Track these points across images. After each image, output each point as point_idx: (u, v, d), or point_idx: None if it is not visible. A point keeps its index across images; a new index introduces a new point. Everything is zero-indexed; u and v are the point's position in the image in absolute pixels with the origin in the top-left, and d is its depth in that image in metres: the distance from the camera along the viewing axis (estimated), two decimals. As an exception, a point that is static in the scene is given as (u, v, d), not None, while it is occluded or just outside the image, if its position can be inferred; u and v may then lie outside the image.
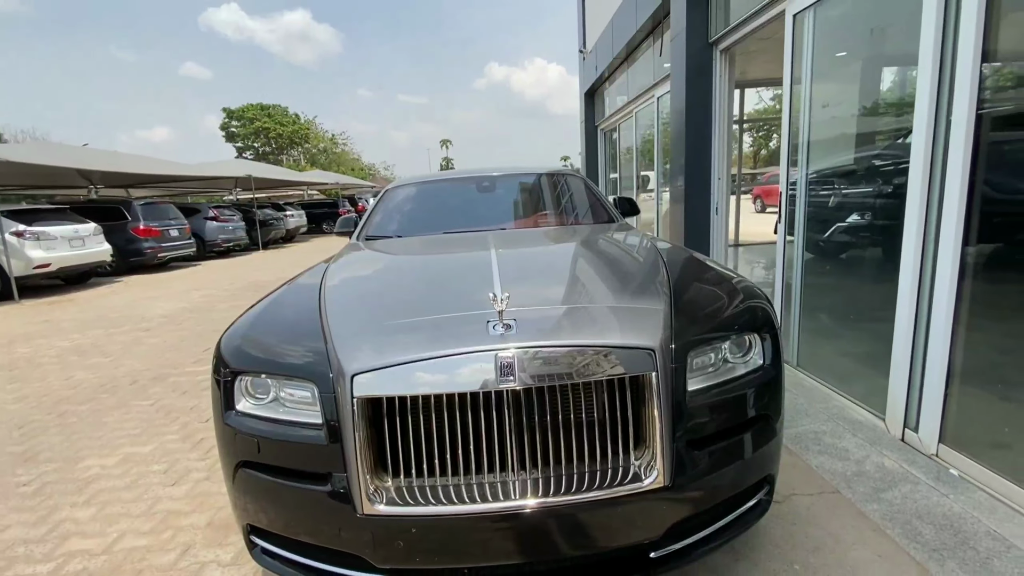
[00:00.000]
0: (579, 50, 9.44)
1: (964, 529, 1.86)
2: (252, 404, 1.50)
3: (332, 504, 1.32)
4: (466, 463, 1.33)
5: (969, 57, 2.00)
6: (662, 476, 1.32)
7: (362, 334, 1.46)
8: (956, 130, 2.09)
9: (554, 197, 3.24)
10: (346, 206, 24.29)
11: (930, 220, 2.26)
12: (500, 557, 1.32)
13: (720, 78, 4.16)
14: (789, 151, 3.28)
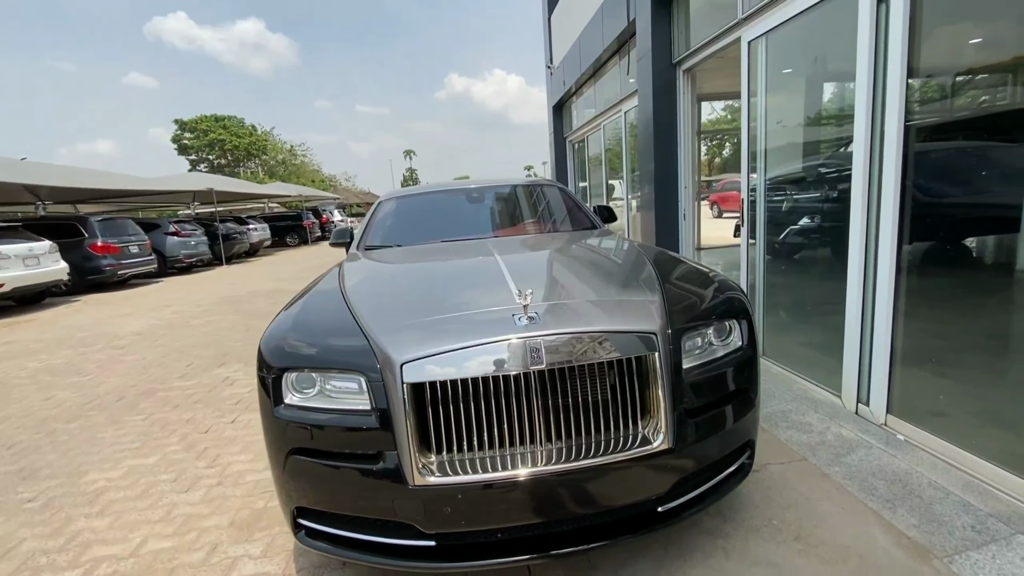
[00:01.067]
0: (547, 65, 9.84)
1: (911, 482, 2.19)
2: (299, 398, 1.65)
3: (385, 479, 1.50)
4: (500, 437, 1.53)
5: (897, 78, 2.37)
6: (667, 440, 1.56)
7: (403, 329, 1.65)
8: (888, 141, 2.46)
9: (540, 206, 3.49)
10: (310, 219, 23.96)
11: (871, 222, 2.63)
12: (533, 516, 1.53)
13: (683, 95, 4.55)
14: (748, 160, 3.64)
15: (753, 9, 3.36)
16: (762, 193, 3.60)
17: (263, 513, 2.40)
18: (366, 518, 1.61)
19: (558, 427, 1.55)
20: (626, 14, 5.10)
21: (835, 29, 2.85)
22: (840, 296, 2.89)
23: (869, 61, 2.48)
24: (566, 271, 2.31)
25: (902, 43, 2.31)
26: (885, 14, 2.39)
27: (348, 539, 1.64)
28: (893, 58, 2.36)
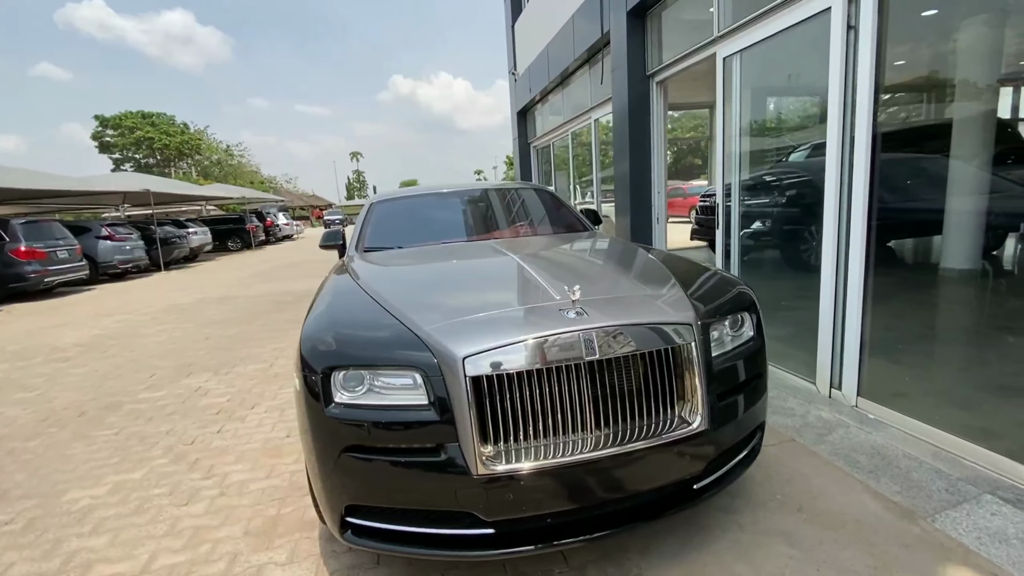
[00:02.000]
0: (510, 72, 9.99)
1: (888, 455, 2.46)
2: (349, 396, 1.65)
3: (448, 470, 1.54)
4: (553, 426, 1.61)
5: (866, 94, 2.66)
6: (703, 421, 1.70)
7: (456, 325, 1.69)
8: (858, 149, 2.75)
9: (534, 209, 3.59)
10: (254, 222, 22.87)
11: (842, 223, 2.92)
12: (587, 499, 1.62)
13: (656, 105, 4.82)
14: (723, 166, 3.91)
15: (728, 28, 3.64)
16: (736, 196, 3.88)
17: (278, 520, 2.35)
18: (419, 511, 1.64)
19: (606, 414, 1.64)
20: (600, 27, 5.32)
21: (805, 49, 3.16)
22: (811, 292, 3.18)
23: (840, 79, 2.77)
24: (588, 269, 2.42)
25: (871, 64, 2.60)
26: (854, 39, 2.69)
27: (399, 533, 1.66)
28: (862, 76, 2.65)
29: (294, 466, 2.83)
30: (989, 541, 1.87)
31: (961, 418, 2.54)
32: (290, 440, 3.16)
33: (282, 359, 4.93)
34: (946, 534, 1.94)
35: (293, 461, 2.89)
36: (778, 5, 3.13)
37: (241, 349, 5.40)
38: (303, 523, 2.31)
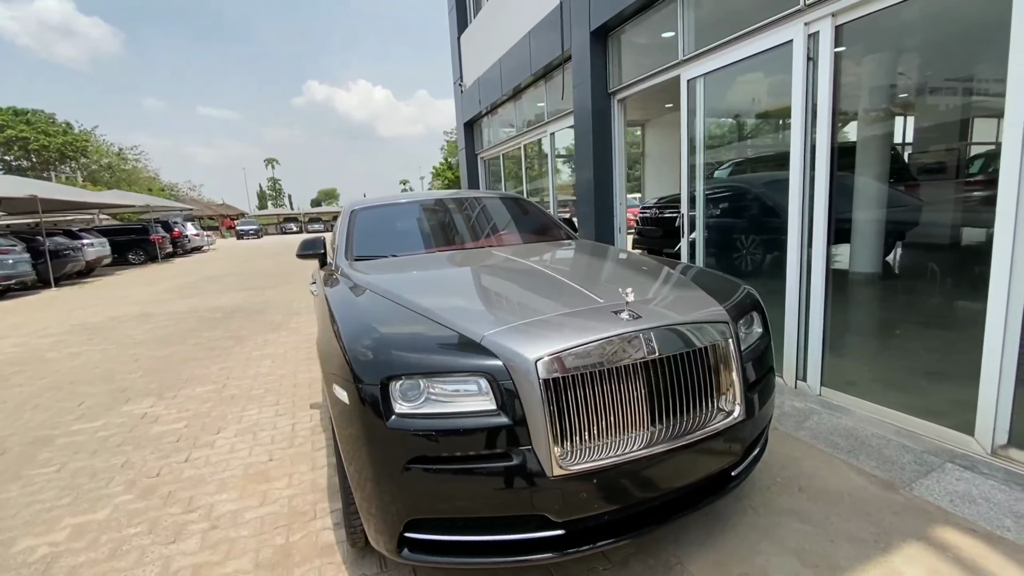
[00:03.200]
0: (456, 83, 10.00)
1: (859, 435, 2.78)
2: (410, 406, 1.60)
3: (523, 474, 1.53)
4: (615, 423, 1.66)
5: (825, 116, 3.02)
6: (742, 411, 1.84)
7: (516, 330, 1.69)
8: (819, 164, 3.10)
9: (520, 218, 3.65)
10: (159, 232, 20.80)
11: (804, 231, 3.27)
12: (650, 492, 1.69)
13: (616, 121, 5.09)
14: (688, 179, 4.21)
15: (693, 53, 3.96)
16: (701, 206, 4.19)
17: (291, 549, 2.18)
18: (478, 519, 1.61)
19: (660, 410, 1.73)
20: (560, 45, 5.53)
21: (765, 74, 3.52)
22: (777, 293, 3.51)
23: (802, 103, 3.11)
24: (612, 274, 2.49)
25: (829, 90, 2.96)
26: (813, 69, 3.05)
27: (461, 544, 1.63)
28: (822, 101, 3.01)
29: (288, 491, 2.64)
30: (960, 502, 2.18)
31: (907, 400, 2.93)
32: (274, 464, 2.94)
33: (234, 380, 4.56)
34: (924, 499, 2.23)
35: (285, 486, 2.70)
36: (742, 35, 3.47)
37: (181, 371, 4.91)
38: (320, 549, 2.17)
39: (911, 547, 1.96)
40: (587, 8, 4.88)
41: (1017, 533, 1.98)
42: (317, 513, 2.44)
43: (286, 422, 3.55)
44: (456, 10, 9.47)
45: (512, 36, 6.97)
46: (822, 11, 2.92)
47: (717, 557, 1.97)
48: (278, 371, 4.76)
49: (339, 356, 1.77)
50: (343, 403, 1.71)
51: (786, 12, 3.11)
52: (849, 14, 2.84)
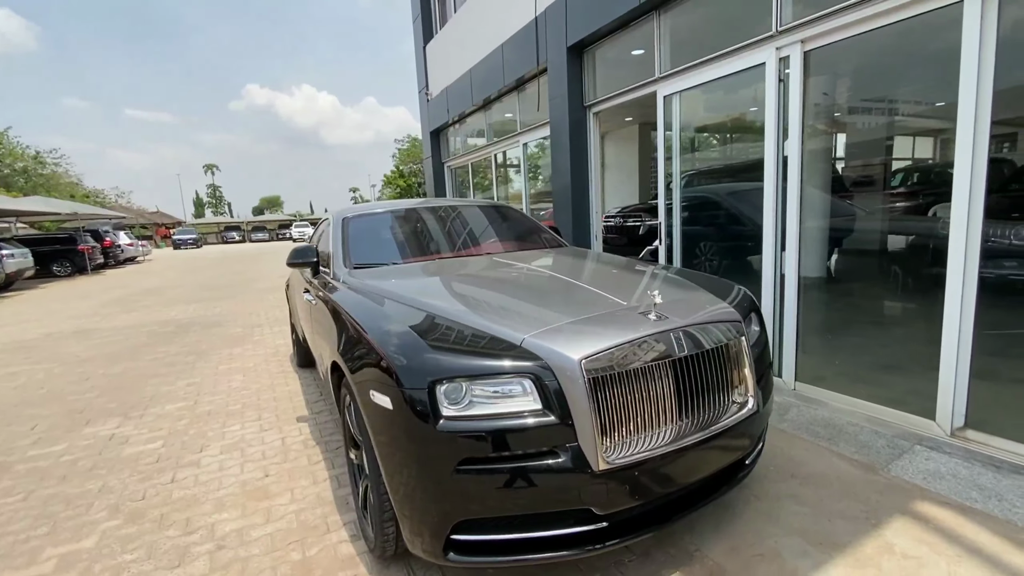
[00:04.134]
0: (421, 92, 9.97)
1: (836, 424, 3.03)
2: (456, 409, 1.63)
3: (571, 470, 1.59)
4: (649, 419, 1.76)
5: (796, 131, 3.30)
6: (755, 404, 1.99)
7: (555, 331, 1.75)
8: (791, 175, 3.37)
9: (513, 225, 3.72)
10: (88, 242, 19.25)
11: (777, 237, 3.53)
12: (680, 482, 1.79)
13: (592, 133, 5.28)
14: (664, 189, 4.42)
15: (670, 72, 4.20)
16: (677, 214, 4.40)
17: (311, 563, 2.13)
18: (529, 515, 1.66)
19: (686, 405, 1.84)
20: (536, 59, 5.68)
21: (738, 93, 3.79)
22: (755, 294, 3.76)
23: (775, 119, 3.38)
24: (622, 277, 2.59)
25: (800, 108, 3.24)
26: (784, 90, 3.33)
27: (507, 543, 1.67)
28: (793, 118, 3.29)
29: (293, 506, 2.57)
30: (932, 479, 2.44)
31: (871, 391, 3.23)
32: (272, 480, 2.84)
33: (206, 395, 4.34)
34: (901, 479, 2.47)
35: (289, 501, 2.62)
36: (718, 56, 3.73)
37: (142, 388, 4.62)
38: (341, 562, 2.13)
39: (897, 521, 2.17)
40: (563, 25, 5.06)
41: (983, 503, 2.23)
42: (330, 526, 2.39)
43: (274, 436, 3.43)
44: (422, 20, 9.49)
45: (484, 48, 7.08)
46: (792, 37, 3.21)
47: (732, 543, 2.11)
48: (252, 385, 4.57)
49: (377, 363, 1.77)
50: (385, 409, 1.71)
51: (760, 37, 3.38)
52: (816, 41, 3.14)
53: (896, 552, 1.99)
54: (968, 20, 2.44)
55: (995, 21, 2.37)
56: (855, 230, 4.31)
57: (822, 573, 1.91)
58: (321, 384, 4.42)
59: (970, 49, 2.44)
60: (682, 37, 4.10)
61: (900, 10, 2.72)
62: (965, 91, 2.46)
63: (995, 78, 2.38)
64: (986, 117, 2.42)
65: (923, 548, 2.00)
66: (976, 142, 2.46)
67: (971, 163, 2.49)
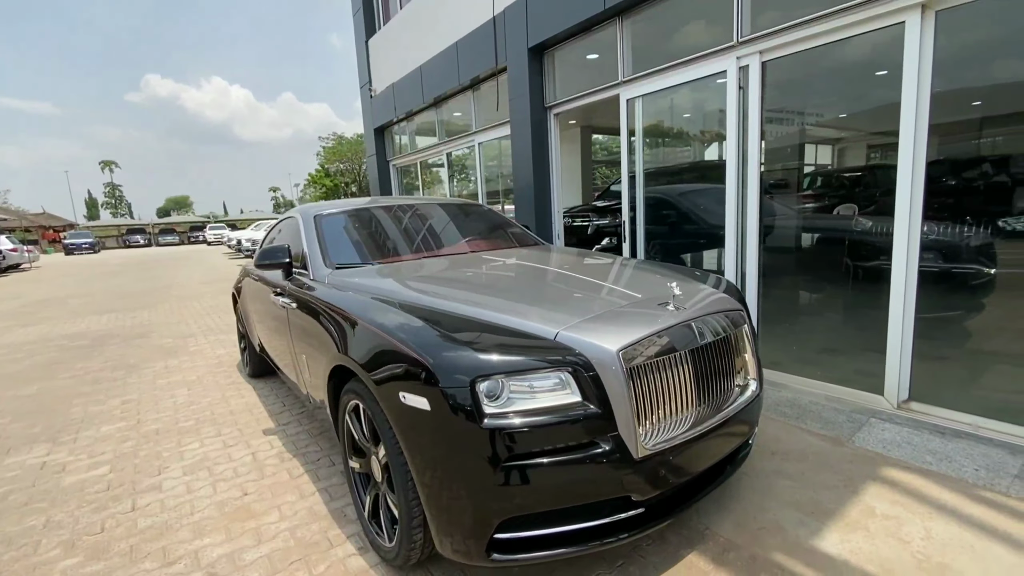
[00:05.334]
0: (361, 87, 9.58)
1: (800, 404, 3.30)
2: (496, 405, 1.61)
3: (612, 459, 1.62)
4: (675, 406, 1.83)
5: (756, 134, 3.56)
6: (757, 387, 2.13)
7: (584, 323, 1.77)
8: (751, 176, 3.64)
9: (492, 224, 3.70)
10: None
11: (739, 235, 3.79)
12: (706, 461, 1.88)
13: (552, 134, 5.37)
14: (628, 187, 4.60)
15: (632, 76, 4.37)
16: (641, 212, 4.59)
17: (322, 581, 2.00)
18: (569, 508, 1.67)
19: (705, 389, 1.93)
20: (494, 59, 5.68)
21: (699, 98, 4.02)
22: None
23: (736, 125, 3.63)
24: (623, 273, 2.64)
25: (758, 114, 3.51)
26: (744, 97, 3.58)
27: (549, 538, 1.66)
28: (752, 123, 3.55)
29: (285, 524, 2.40)
30: (890, 447, 2.73)
31: (822, 372, 3.56)
32: (252, 498, 2.64)
33: (148, 413, 3.93)
34: (865, 448, 2.74)
35: (277, 519, 2.44)
36: (681, 63, 3.94)
37: (67, 410, 4.10)
38: (355, 575, 2.03)
39: (871, 486, 2.41)
40: (524, 26, 5.11)
41: (937, 465, 2.54)
42: (332, 541, 2.25)
43: (242, 452, 3.18)
44: (363, 13, 9.14)
45: (436, 45, 6.97)
46: (751, 48, 3.47)
47: (735, 519, 2.24)
48: (202, 399, 4.20)
49: (408, 364, 1.70)
50: (420, 410, 1.65)
51: (722, 46, 3.62)
52: (773, 53, 3.41)
53: (877, 514, 2.21)
54: (909, 35, 2.76)
55: (931, 39, 2.70)
56: (775, 227, 4.73)
57: (821, 539, 2.08)
58: (285, 393, 4.15)
59: (911, 62, 2.76)
60: (645, 43, 4.29)
61: (849, 28, 3.03)
62: (907, 99, 2.79)
63: (932, 87, 2.72)
64: (924, 124, 2.76)
65: (898, 508, 2.24)
66: (916, 145, 2.79)
67: (912, 165, 2.82)
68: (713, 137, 3.95)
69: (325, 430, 3.42)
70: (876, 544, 2.03)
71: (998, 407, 2.80)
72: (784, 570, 1.93)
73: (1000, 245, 3.10)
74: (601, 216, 8.65)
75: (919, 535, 2.07)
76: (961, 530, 2.09)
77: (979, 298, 3.37)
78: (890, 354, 3.07)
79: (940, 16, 2.67)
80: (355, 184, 56.16)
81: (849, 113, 3.73)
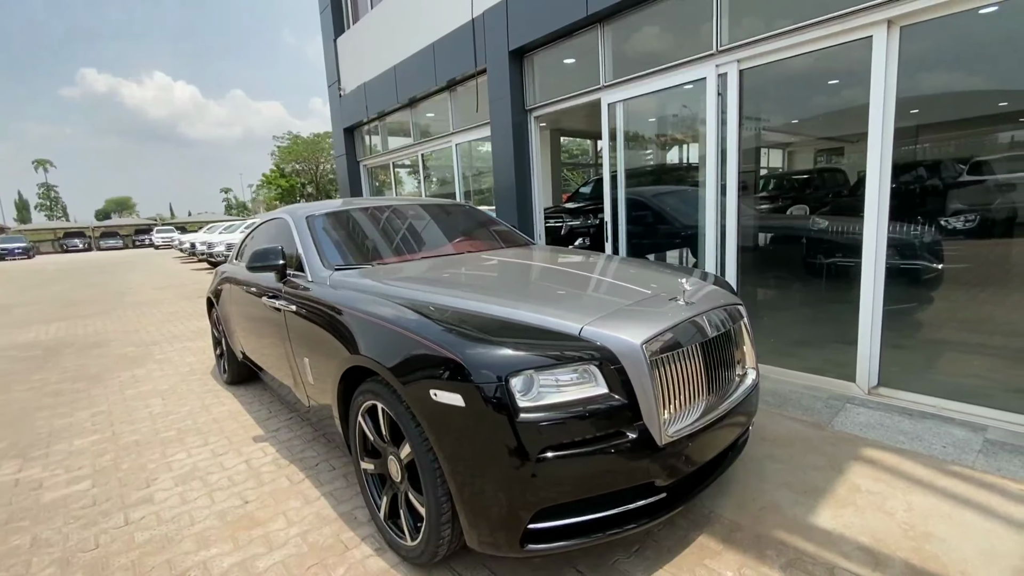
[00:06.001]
0: (330, 85, 9.34)
1: (780, 392, 3.50)
2: (527, 398, 1.66)
3: (638, 447, 1.70)
4: (688, 394, 1.93)
5: (734, 138, 3.76)
6: (757, 376, 2.27)
7: (606, 318, 1.84)
8: (730, 177, 3.83)
9: (484, 225, 3.73)
10: None
11: (719, 235, 3.98)
12: (717, 447, 2.00)
13: (533, 136, 5.45)
14: (610, 188, 4.72)
15: (613, 81, 4.50)
16: (623, 212, 4.72)
17: (344, 583, 1.99)
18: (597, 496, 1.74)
19: (713, 379, 2.04)
20: (474, 61, 5.70)
21: (680, 103, 4.20)
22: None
23: (715, 129, 3.82)
24: (627, 271, 2.72)
25: (737, 119, 3.70)
26: (723, 103, 3.77)
27: (580, 525, 1.73)
28: (731, 128, 3.74)
29: (294, 529, 2.36)
30: (866, 429, 2.95)
31: (797, 362, 3.79)
32: (254, 506, 2.58)
33: (124, 425, 3.76)
34: (844, 431, 2.95)
35: (285, 525, 2.40)
36: (662, 69, 4.10)
37: (31, 424, 3.86)
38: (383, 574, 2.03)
39: (854, 466, 2.60)
40: (505, 29, 5.17)
41: (909, 444, 2.77)
42: (347, 543, 2.24)
43: (235, 461, 3.09)
44: (331, 11, 8.95)
45: (410, 46, 6.92)
46: (730, 57, 3.66)
47: (736, 501, 2.37)
48: (180, 408, 4.04)
49: (439, 362, 1.72)
50: (453, 407, 1.68)
51: (702, 55, 3.80)
52: (750, 62, 3.61)
53: (863, 491, 2.40)
54: (877, 47, 2.99)
55: (896, 51, 2.94)
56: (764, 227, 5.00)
57: (816, 516, 2.24)
58: (269, 399, 4.04)
59: (878, 72, 2.99)
60: (627, 49, 4.43)
61: (821, 40, 3.25)
62: (875, 105, 3.02)
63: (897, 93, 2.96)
64: (891, 127, 3.00)
65: (880, 485, 2.43)
66: (883, 147, 3.03)
67: (879, 165, 3.06)
68: (693, 140, 4.12)
69: (320, 435, 3.37)
70: (865, 518, 2.20)
71: (956, 390, 3.08)
72: (787, 546, 2.06)
73: (946, 243, 3.41)
74: (574, 217, 8.81)
75: (902, 508, 2.26)
76: (938, 501, 2.29)
77: (929, 291, 3.69)
78: (861, 344, 3.31)
79: (904, 31, 2.91)
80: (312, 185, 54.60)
81: (821, 119, 3.99)
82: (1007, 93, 3.18)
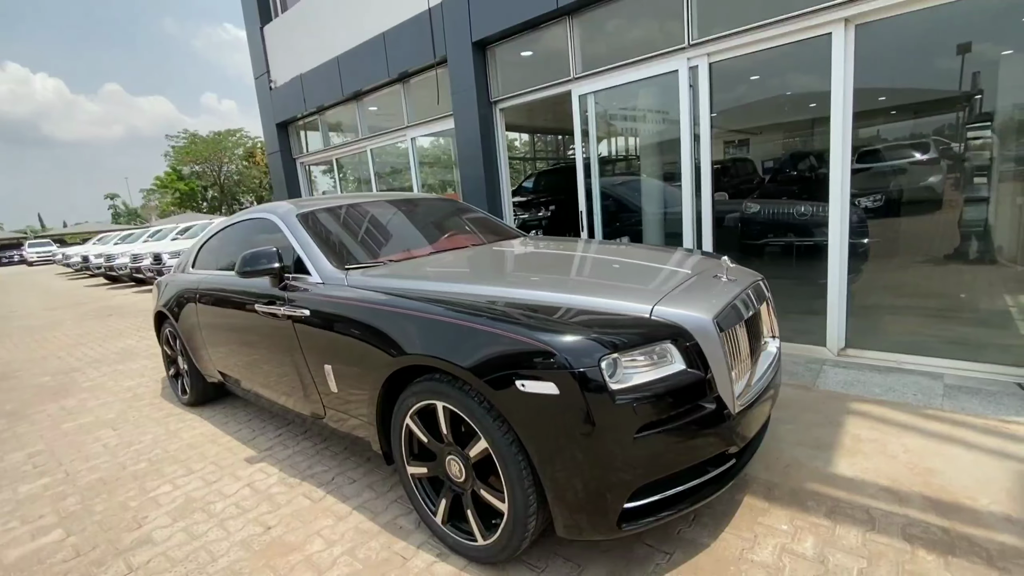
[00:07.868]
0: (257, 77, 8.55)
1: (764, 362, 3.80)
2: (616, 381, 1.68)
3: (717, 418, 1.78)
4: (742, 363, 2.05)
5: (706, 129, 3.99)
6: (778, 346, 2.46)
7: (676, 299, 1.91)
8: (704, 166, 4.07)
9: (479, 217, 3.67)
10: None
11: (695, 217, 4.21)
12: (767, 412, 2.14)
13: (499, 128, 5.40)
14: (584, 179, 4.83)
15: (584, 73, 4.59)
16: (597, 200, 4.84)
17: (419, 593, 1.90)
18: (681, 470, 1.80)
19: (754, 348, 2.19)
20: (432, 51, 5.52)
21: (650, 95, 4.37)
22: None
23: (688, 120, 4.03)
24: (651, 255, 2.78)
25: (708, 111, 3.93)
26: (695, 94, 3.99)
27: (669, 499, 1.78)
28: (703, 119, 3.97)
29: (339, 548, 2.21)
30: (846, 386, 3.29)
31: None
32: (281, 531, 2.37)
33: (76, 462, 3.29)
34: (830, 390, 3.27)
35: (325, 545, 2.24)
36: (634, 62, 4.24)
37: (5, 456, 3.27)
38: None
39: (848, 418, 2.90)
40: (467, 19, 5.06)
41: (887, 395, 3.13)
42: (404, 555, 2.13)
43: (234, 486, 2.82)
44: (256, -4, 8.24)
45: (356, 35, 6.55)
46: (701, 50, 3.87)
47: (763, 463, 2.55)
48: (141, 437, 3.60)
49: (526, 354, 1.69)
50: (545, 395, 1.65)
51: (674, 48, 3.98)
52: (719, 55, 3.85)
53: (864, 439, 2.68)
54: (835, 43, 3.32)
55: (852, 47, 3.28)
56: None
57: (834, 466, 2.47)
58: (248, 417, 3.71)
59: (837, 64, 3.33)
60: (597, 41, 4.53)
61: (786, 36, 3.54)
62: (835, 94, 3.35)
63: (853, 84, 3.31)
64: (850, 114, 3.34)
65: (876, 432, 2.73)
66: (844, 133, 3.37)
67: (841, 149, 3.40)
68: (665, 129, 4.32)
69: (325, 447, 3.16)
70: (875, 462, 2.47)
71: (909, 345, 3.52)
72: (823, 496, 2.26)
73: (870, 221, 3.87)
74: (524, 210, 8.91)
75: (901, 450, 2.55)
76: (926, 441, 2.62)
77: (860, 263, 4.18)
78: (830, 311, 3.68)
79: (859, 29, 3.25)
80: (215, 187, 50.24)
81: (787, 107, 4.35)
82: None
